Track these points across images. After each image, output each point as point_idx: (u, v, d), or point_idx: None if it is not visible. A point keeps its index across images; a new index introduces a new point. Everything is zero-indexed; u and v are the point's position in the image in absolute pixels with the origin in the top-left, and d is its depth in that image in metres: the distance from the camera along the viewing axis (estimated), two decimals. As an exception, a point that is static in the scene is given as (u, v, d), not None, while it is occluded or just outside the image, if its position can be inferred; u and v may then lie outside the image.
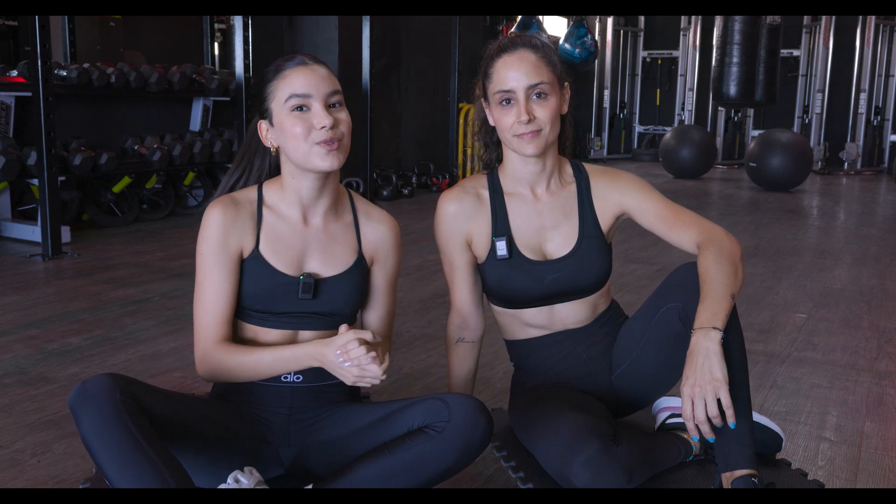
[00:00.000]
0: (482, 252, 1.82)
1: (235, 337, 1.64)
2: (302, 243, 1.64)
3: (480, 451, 1.54)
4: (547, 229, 1.82)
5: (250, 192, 1.66)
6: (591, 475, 1.51)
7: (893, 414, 2.30)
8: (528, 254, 1.80)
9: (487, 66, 1.77)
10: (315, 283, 1.62)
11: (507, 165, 1.83)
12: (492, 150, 1.88)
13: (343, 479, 1.52)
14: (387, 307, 1.76)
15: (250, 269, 1.61)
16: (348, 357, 1.48)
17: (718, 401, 1.48)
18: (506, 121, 1.73)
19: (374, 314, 1.76)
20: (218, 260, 1.59)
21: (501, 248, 1.79)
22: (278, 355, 1.57)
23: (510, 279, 1.80)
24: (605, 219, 1.83)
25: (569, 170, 1.86)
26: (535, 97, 1.71)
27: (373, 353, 1.47)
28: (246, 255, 1.61)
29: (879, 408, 2.34)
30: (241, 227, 1.60)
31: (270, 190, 1.66)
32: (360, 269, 1.69)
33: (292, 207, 1.64)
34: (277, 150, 1.63)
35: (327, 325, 1.65)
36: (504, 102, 1.72)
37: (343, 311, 1.67)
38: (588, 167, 1.87)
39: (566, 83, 1.78)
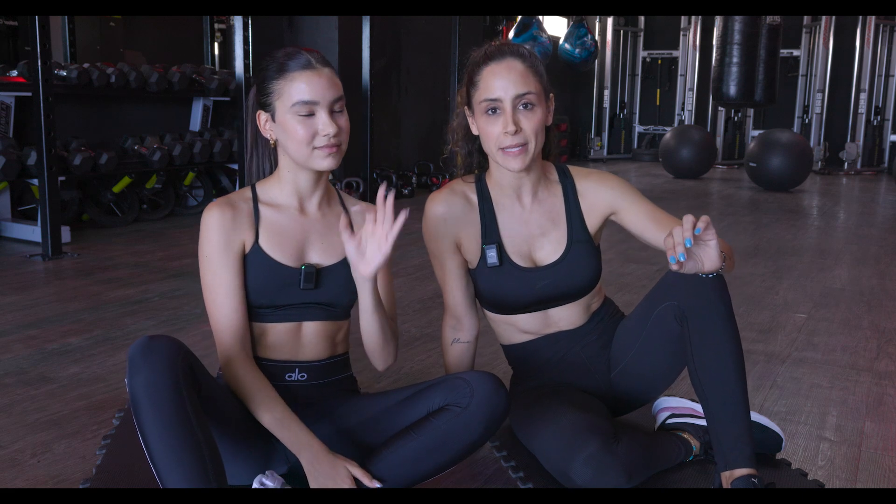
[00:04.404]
0: (472, 258, 1.82)
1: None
2: (302, 233, 1.66)
3: (501, 422, 1.58)
4: (535, 237, 1.81)
5: (245, 193, 1.69)
6: (592, 473, 1.52)
7: (893, 414, 2.30)
8: (518, 261, 1.80)
9: (473, 74, 1.73)
10: (316, 273, 1.64)
11: (493, 174, 1.82)
12: (473, 159, 1.86)
13: (372, 468, 1.53)
14: (384, 293, 1.74)
15: (252, 264, 1.62)
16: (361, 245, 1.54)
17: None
18: (491, 131, 1.69)
19: None
20: (223, 260, 1.60)
21: (492, 256, 1.79)
22: (280, 423, 1.54)
23: (501, 286, 1.80)
24: (592, 220, 1.83)
25: (554, 175, 1.85)
26: (521, 107, 1.68)
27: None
28: (247, 250, 1.63)
29: (879, 408, 2.34)
30: (240, 226, 1.62)
31: (264, 187, 1.69)
32: None
33: (290, 198, 1.67)
34: (275, 142, 1.65)
35: (329, 315, 1.68)
36: (490, 112, 1.69)
37: (342, 301, 1.69)
38: (573, 170, 1.86)
39: (551, 94, 1.76)
